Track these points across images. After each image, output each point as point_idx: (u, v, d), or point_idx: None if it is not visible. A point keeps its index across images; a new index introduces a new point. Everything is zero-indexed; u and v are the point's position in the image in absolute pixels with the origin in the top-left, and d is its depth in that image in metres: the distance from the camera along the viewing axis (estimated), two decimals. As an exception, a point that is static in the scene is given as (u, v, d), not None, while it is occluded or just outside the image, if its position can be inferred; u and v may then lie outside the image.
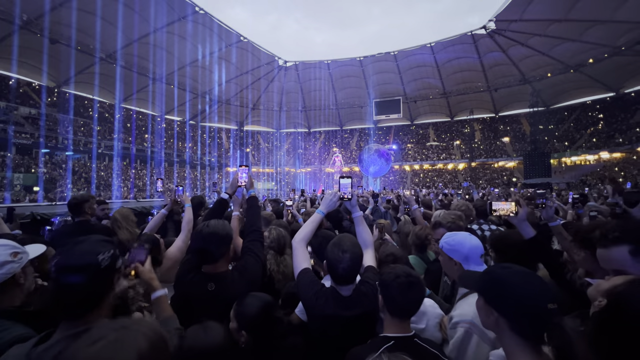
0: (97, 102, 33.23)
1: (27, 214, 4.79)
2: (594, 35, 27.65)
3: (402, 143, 47.15)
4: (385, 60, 39.59)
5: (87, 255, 0.98)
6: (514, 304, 0.92)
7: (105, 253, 1.01)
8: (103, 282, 1.01)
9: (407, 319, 1.32)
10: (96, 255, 0.99)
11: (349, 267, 1.46)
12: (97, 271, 0.97)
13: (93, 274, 0.97)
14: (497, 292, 0.97)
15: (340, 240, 1.54)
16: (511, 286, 0.94)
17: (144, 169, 35.63)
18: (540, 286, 0.93)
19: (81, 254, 0.98)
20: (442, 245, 1.64)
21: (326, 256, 1.52)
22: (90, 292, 0.98)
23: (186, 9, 28.68)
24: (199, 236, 1.56)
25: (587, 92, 35.74)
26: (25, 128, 27.08)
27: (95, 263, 0.97)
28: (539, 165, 28.61)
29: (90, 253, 0.99)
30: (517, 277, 0.95)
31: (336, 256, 1.47)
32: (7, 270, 1.22)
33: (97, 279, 0.98)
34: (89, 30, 25.81)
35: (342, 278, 1.48)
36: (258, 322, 1.35)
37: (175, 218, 3.54)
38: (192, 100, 39.36)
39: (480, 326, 1.25)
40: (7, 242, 1.29)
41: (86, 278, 0.95)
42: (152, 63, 31.91)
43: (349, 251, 1.47)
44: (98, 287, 1.00)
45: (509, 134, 41.89)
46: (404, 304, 1.28)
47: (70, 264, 0.95)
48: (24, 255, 1.31)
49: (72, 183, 26.77)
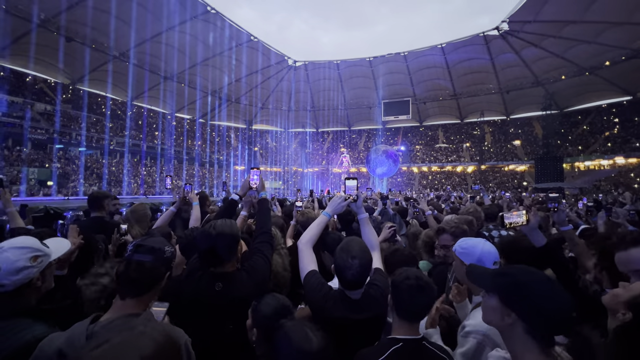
0: (110, 99, 33.87)
1: (41, 208, 4.92)
2: (610, 37, 26.95)
3: (410, 144, 46.81)
4: (395, 60, 39.34)
5: (158, 244, 1.24)
6: (539, 309, 0.91)
7: (170, 247, 1.27)
8: (160, 268, 1.22)
9: (416, 322, 1.32)
10: (164, 245, 1.25)
11: (358, 274, 1.44)
12: (161, 257, 1.21)
13: (157, 258, 1.20)
14: (519, 295, 0.95)
15: (348, 246, 1.50)
16: (535, 290, 0.92)
17: (153, 166, 36.17)
18: (565, 293, 0.92)
19: (154, 241, 1.24)
20: (455, 249, 1.64)
21: (334, 261, 1.50)
22: (151, 273, 1.18)
23: (198, 8, 29.01)
24: (206, 237, 1.52)
25: (603, 95, 34.85)
26: (41, 124, 27.76)
27: (162, 250, 1.23)
28: (551, 170, 28.08)
29: (160, 243, 1.25)
30: (541, 282, 0.94)
31: (345, 262, 1.44)
32: (24, 276, 1.15)
33: (158, 264, 1.20)
34: (103, 28, 26.35)
35: (351, 284, 1.46)
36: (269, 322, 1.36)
37: (183, 215, 3.56)
38: (203, 99, 39.79)
39: (494, 339, 1.25)
40: (28, 244, 1.21)
41: (153, 258, 1.18)
42: (163, 61, 32.39)
43: (358, 257, 1.44)
44: (157, 271, 1.20)
45: (520, 137, 41.17)
46: (412, 306, 1.27)
47: (144, 245, 1.21)
48: (45, 258, 1.24)
49: (84, 178, 27.34)
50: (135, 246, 1.18)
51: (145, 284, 1.17)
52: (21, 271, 1.14)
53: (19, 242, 1.20)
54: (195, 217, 2.42)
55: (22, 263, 1.15)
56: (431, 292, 1.31)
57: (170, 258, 1.26)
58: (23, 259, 1.16)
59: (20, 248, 1.18)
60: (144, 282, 1.16)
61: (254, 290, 1.52)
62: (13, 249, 1.16)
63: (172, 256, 1.27)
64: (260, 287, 1.58)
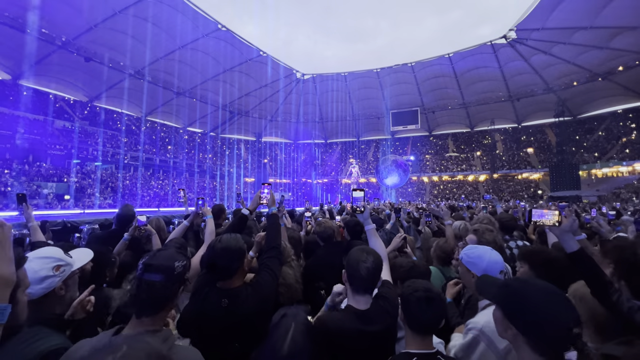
0: (125, 115, 35.05)
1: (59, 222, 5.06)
2: (623, 42, 26.53)
3: (420, 154, 46.49)
4: (402, 71, 39.60)
5: (167, 261, 1.15)
6: (534, 322, 0.89)
7: (180, 262, 1.18)
8: (173, 285, 1.15)
9: (429, 335, 1.30)
10: (174, 261, 1.16)
11: (372, 269, 1.46)
12: (171, 275, 1.14)
13: (168, 277, 1.13)
14: (516, 308, 0.94)
15: (363, 247, 1.58)
16: (532, 304, 0.91)
17: (166, 179, 36.91)
18: (564, 307, 0.89)
19: (164, 258, 1.16)
20: (461, 257, 1.64)
21: (347, 262, 1.51)
22: (163, 291, 1.12)
23: (209, 27, 30.07)
24: (211, 252, 1.54)
25: (618, 100, 34.05)
26: (60, 140, 28.86)
27: (171, 267, 1.14)
28: (567, 177, 27.36)
29: (170, 259, 1.16)
30: (540, 294, 0.92)
31: (359, 256, 1.48)
32: (48, 285, 1.19)
33: (170, 282, 1.14)
34: (120, 48, 27.54)
35: (364, 281, 1.46)
36: None
37: (195, 229, 3.61)
38: (213, 113, 40.75)
39: (489, 335, 1.29)
40: (51, 254, 1.25)
41: (162, 279, 1.11)
42: (176, 78, 33.47)
43: (372, 254, 1.51)
44: (169, 290, 1.14)
45: (533, 145, 40.40)
46: (423, 319, 1.26)
47: (153, 264, 1.13)
48: (67, 267, 1.28)
49: (99, 192, 28.08)
50: (145, 265, 1.13)
51: (158, 304, 1.14)
52: (44, 280, 1.19)
53: (43, 252, 1.26)
54: (209, 230, 2.44)
55: (45, 272, 1.19)
56: (439, 303, 1.30)
57: (182, 273, 1.20)
58: (46, 268, 1.20)
59: (43, 258, 1.23)
60: (156, 302, 1.13)
61: (260, 306, 1.52)
62: (37, 259, 1.22)
63: (185, 270, 1.20)
64: (265, 303, 1.58)
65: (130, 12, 25.26)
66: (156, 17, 26.54)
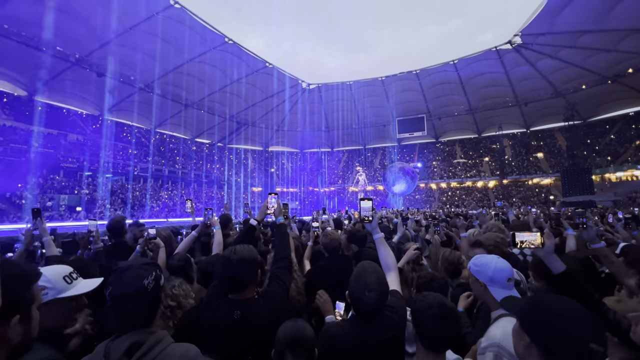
0: (135, 127, 35.84)
1: (70, 234, 5.16)
2: (631, 44, 26.17)
3: (427, 161, 46.17)
4: (407, 79, 39.73)
5: (135, 283, 1.08)
6: (548, 334, 0.87)
7: (149, 277, 1.11)
8: (152, 302, 1.13)
9: (442, 353, 1.26)
10: (142, 280, 1.09)
11: (374, 305, 1.41)
12: (145, 295, 1.08)
13: (142, 299, 1.08)
14: (533, 319, 0.93)
15: (364, 276, 1.45)
16: (550, 316, 0.89)
17: (175, 190, 37.35)
18: (584, 322, 0.86)
19: (129, 283, 1.08)
20: (469, 266, 1.64)
21: (349, 290, 1.47)
22: (143, 312, 1.09)
23: (216, 40, 30.81)
24: (227, 263, 1.51)
25: (629, 103, 33.43)
26: (72, 153, 29.59)
27: (142, 288, 1.08)
28: (579, 182, 26.74)
29: (136, 280, 1.09)
30: (560, 307, 0.90)
31: (361, 296, 1.41)
32: None
33: (147, 301, 1.10)
34: (130, 63, 28.37)
35: (367, 314, 1.43)
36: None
37: (202, 239, 3.61)
38: (221, 124, 41.37)
39: (509, 350, 1.23)
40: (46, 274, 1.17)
41: (137, 303, 1.07)
42: (184, 90, 34.21)
43: (375, 290, 1.40)
44: (149, 307, 1.12)
45: (543, 150, 39.77)
46: (436, 336, 1.22)
47: (122, 294, 1.06)
48: (50, 291, 1.18)
49: (110, 203, 28.54)
50: (113, 298, 1.06)
51: (144, 320, 1.10)
52: None
53: (44, 270, 1.20)
54: (217, 241, 2.44)
55: None
56: (454, 319, 1.25)
57: (155, 285, 1.13)
58: None
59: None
60: (141, 321, 1.10)
61: (271, 317, 1.49)
62: None
63: (157, 280, 1.14)
64: (277, 314, 1.55)
65: (141, 28, 26.09)
66: (165, 33, 27.34)
